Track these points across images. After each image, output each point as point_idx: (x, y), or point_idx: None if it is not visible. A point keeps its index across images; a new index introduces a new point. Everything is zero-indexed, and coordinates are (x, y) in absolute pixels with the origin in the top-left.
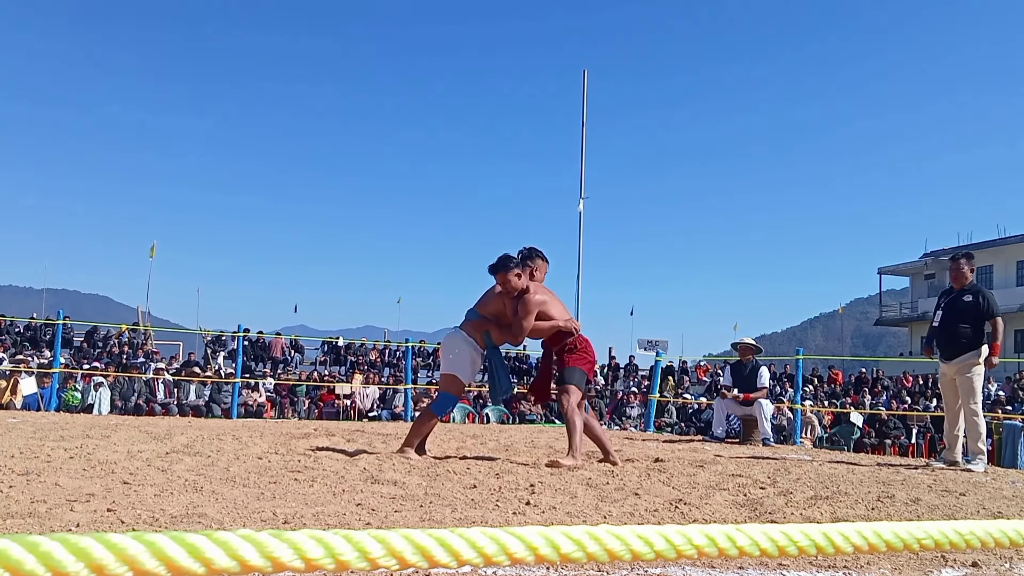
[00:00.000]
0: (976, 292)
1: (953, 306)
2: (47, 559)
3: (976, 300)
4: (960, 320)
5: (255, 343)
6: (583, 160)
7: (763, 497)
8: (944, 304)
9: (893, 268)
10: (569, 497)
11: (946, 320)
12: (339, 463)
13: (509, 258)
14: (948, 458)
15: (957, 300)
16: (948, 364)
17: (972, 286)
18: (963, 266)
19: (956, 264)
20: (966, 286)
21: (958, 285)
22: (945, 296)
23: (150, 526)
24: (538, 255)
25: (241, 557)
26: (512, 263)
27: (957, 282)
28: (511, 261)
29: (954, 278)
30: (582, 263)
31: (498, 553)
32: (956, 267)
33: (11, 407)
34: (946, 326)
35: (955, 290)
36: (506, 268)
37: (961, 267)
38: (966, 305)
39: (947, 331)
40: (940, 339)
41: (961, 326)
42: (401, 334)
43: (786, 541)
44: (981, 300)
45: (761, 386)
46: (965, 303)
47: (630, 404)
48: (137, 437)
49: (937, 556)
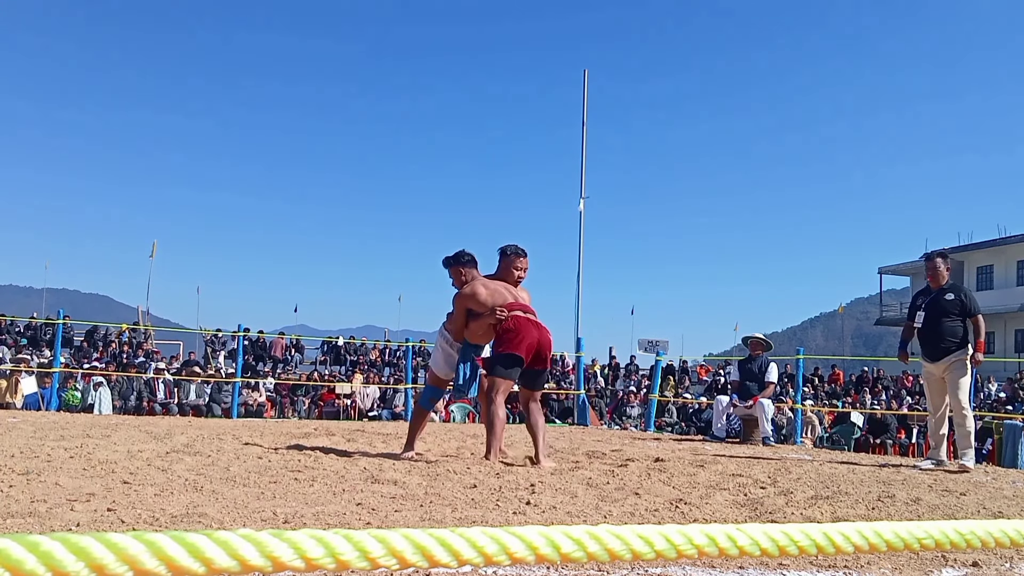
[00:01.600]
0: (957, 290)
1: (936, 305)
2: (47, 559)
3: (959, 298)
4: (946, 319)
5: (255, 343)
6: (583, 159)
7: (763, 497)
8: (924, 304)
9: (893, 268)
10: (569, 497)
11: (930, 320)
12: (339, 463)
13: (461, 253)
14: (936, 457)
15: (939, 299)
16: (935, 364)
17: (951, 284)
18: (939, 265)
19: (932, 263)
20: (944, 285)
21: (935, 284)
22: (923, 296)
23: (150, 526)
24: (506, 251)
25: (241, 557)
26: (461, 259)
27: (934, 281)
28: (463, 256)
29: (931, 277)
30: (582, 263)
31: (498, 553)
32: (933, 266)
33: (11, 407)
34: (931, 326)
35: (933, 290)
36: (453, 263)
37: (938, 266)
38: (950, 304)
39: (933, 331)
40: (925, 339)
41: (948, 324)
42: (401, 334)
43: (786, 541)
44: (964, 298)
45: (769, 381)
46: (948, 301)
47: (630, 404)
48: (137, 437)
49: (937, 556)
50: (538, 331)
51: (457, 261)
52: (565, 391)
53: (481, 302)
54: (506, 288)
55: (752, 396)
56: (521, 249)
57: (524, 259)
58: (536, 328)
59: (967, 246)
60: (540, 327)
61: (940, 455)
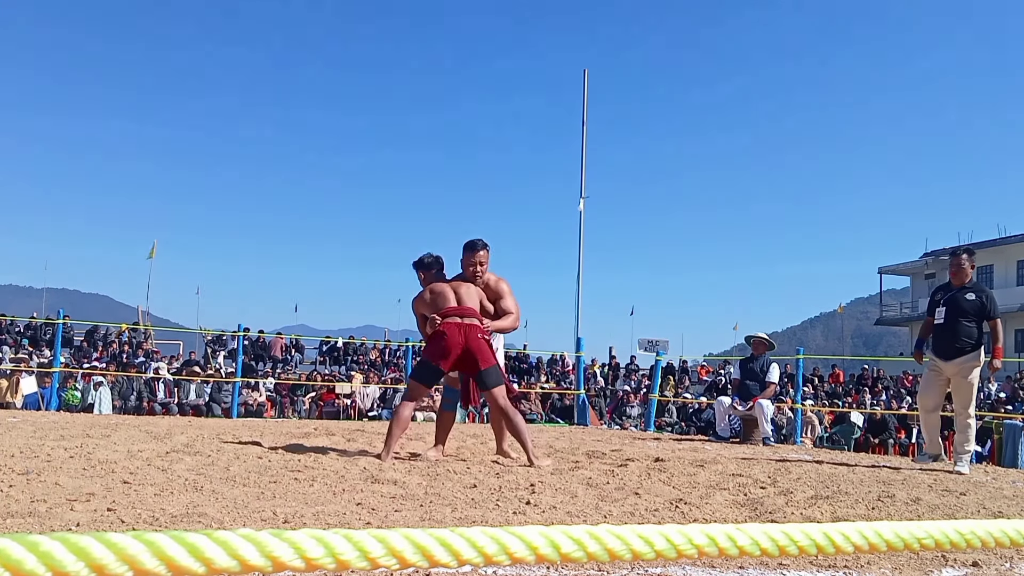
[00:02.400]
0: (979, 291)
1: (955, 304)
2: (47, 559)
3: (980, 299)
4: (964, 319)
5: (255, 343)
6: (583, 160)
7: (763, 497)
8: (944, 301)
9: (893, 268)
10: (569, 497)
11: (949, 318)
12: (339, 463)
13: (422, 257)
14: (932, 452)
15: (959, 297)
16: (947, 364)
17: (973, 284)
18: (964, 262)
19: (957, 259)
20: (967, 283)
21: (958, 282)
22: (943, 292)
23: (150, 525)
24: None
25: (241, 556)
26: (421, 263)
27: (957, 279)
28: (424, 260)
29: (954, 274)
30: (582, 263)
31: (498, 552)
32: (957, 262)
33: (11, 406)
34: (948, 324)
35: (954, 287)
36: (415, 267)
37: (962, 263)
38: (969, 304)
39: (949, 330)
40: (940, 336)
41: (965, 325)
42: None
43: (786, 541)
44: (985, 299)
45: (770, 381)
46: (968, 301)
47: (630, 404)
48: (137, 436)
49: (937, 556)
50: (464, 335)
51: (418, 266)
52: (565, 391)
53: (426, 308)
54: (453, 289)
55: (752, 396)
56: (476, 242)
57: (477, 253)
58: (461, 331)
59: (967, 246)
60: (469, 328)
61: (937, 449)
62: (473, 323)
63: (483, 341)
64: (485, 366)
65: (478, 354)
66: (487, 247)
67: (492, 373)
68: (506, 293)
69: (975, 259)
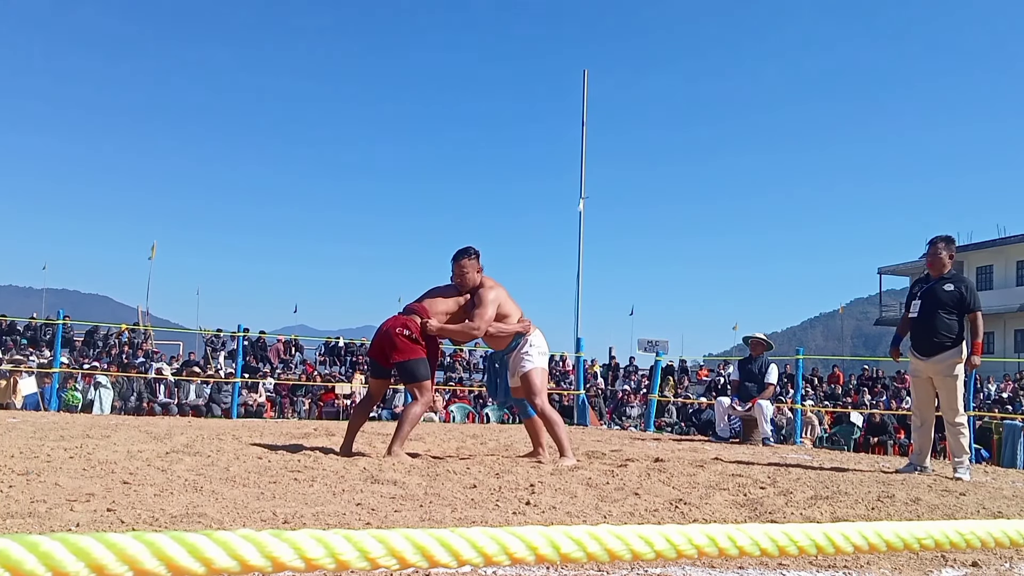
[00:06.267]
0: (958, 281)
1: (932, 295)
2: (47, 559)
3: (959, 290)
4: (942, 312)
5: (255, 343)
6: (583, 160)
7: (763, 497)
8: (921, 293)
9: (893, 268)
10: (569, 497)
11: (925, 311)
12: (339, 463)
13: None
14: (918, 463)
15: (936, 289)
16: (926, 362)
17: (952, 274)
18: (941, 251)
19: (934, 248)
20: (945, 274)
21: (935, 272)
22: (921, 284)
23: (150, 526)
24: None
25: (241, 557)
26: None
27: (934, 269)
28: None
29: (930, 264)
30: (582, 263)
31: (498, 553)
32: (934, 251)
33: (11, 407)
34: (925, 318)
35: (932, 278)
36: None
37: (939, 251)
38: (948, 295)
39: (926, 323)
40: (917, 331)
41: (943, 318)
42: None
43: (786, 541)
44: (964, 290)
45: (768, 382)
46: (946, 292)
47: (630, 404)
48: (137, 437)
49: (937, 556)
50: (385, 325)
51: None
52: (565, 391)
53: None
54: (433, 289)
55: (751, 397)
56: (458, 252)
57: (457, 263)
58: (386, 323)
59: (967, 246)
60: (392, 320)
61: (924, 462)
62: (400, 316)
63: (398, 335)
64: (398, 359)
65: (387, 345)
66: (470, 255)
67: (405, 367)
68: (481, 303)
69: (954, 247)
